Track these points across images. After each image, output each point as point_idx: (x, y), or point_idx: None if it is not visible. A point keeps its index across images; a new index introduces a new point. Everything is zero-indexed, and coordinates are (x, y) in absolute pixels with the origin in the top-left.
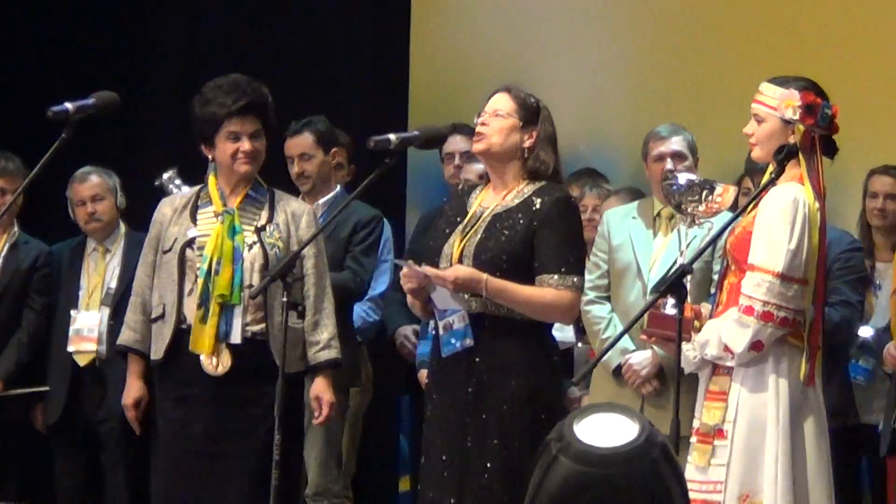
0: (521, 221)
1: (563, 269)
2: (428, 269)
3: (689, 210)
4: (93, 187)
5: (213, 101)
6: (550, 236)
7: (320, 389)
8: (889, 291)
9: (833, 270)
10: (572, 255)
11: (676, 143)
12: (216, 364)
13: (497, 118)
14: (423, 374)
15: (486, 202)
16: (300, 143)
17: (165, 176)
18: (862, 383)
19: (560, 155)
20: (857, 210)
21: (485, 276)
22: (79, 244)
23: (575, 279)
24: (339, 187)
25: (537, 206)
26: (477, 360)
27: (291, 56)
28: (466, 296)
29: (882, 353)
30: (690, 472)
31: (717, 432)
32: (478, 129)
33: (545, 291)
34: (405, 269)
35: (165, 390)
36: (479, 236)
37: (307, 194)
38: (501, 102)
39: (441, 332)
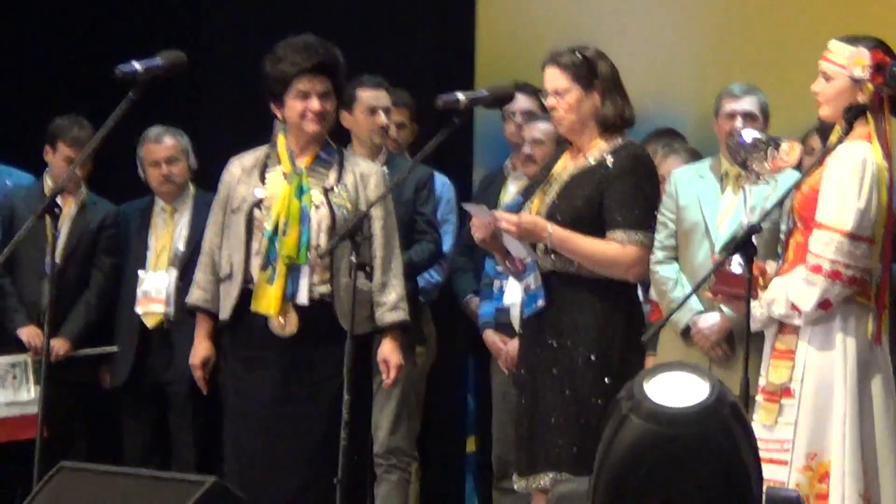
0: (595, 180)
1: (628, 225)
2: (496, 212)
3: (753, 167)
4: (168, 149)
5: (284, 60)
6: (619, 192)
7: (388, 351)
8: None
9: None
10: (640, 211)
11: (749, 103)
12: (283, 325)
13: (560, 97)
14: (488, 335)
15: (569, 163)
16: (385, 97)
17: None
18: None
19: (631, 105)
20: None
21: (550, 224)
22: (147, 205)
23: (640, 235)
24: (384, 148)
25: (610, 164)
26: (551, 317)
27: (356, 15)
28: (540, 251)
29: None
30: (757, 431)
31: (785, 391)
32: (552, 113)
33: (609, 245)
34: (474, 218)
35: (233, 351)
36: (555, 195)
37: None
38: (556, 78)
39: (523, 294)
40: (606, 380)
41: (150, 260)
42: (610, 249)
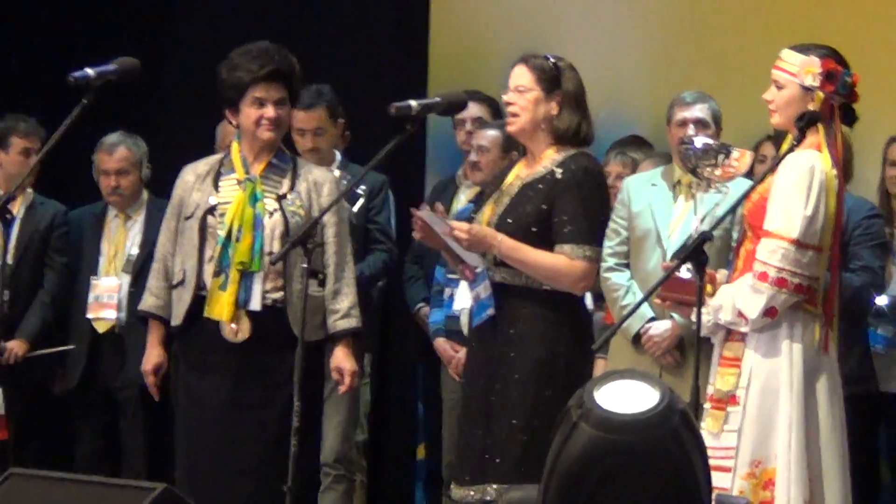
0: (543, 191)
1: (577, 239)
2: (448, 222)
3: (704, 174)
4: (119, 160)
5: (239, 67)
6: (568, 206)
7: (341, 359)
8: None
9: (853, 237)
10: (589, 225)
11: (700, 111)
12: (236, 331)
13: (520, 94)
14: (438, 342)
15: (520, 173)
16: (316, 118)
17: None
18: (881, 352)
19: (592, 126)
20: (877, 176)
21: (500, 235)
22: (101, 210)
23: (589, 250)
24: (338, 155)
25: (559, 176)
26: (499, 327)
27: (311, 22)
28: (489, 261)
29: None
30: (704, 438)
31: (731, 398)
32: (506, 108)
33: (557, 258)
34: (420, 220)
35: (185, 357)
36: (505, 206)
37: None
38: (521, 76)
39: (472, 303)
40: (550, 391)
41: (103, 265)
42: (558, 262)
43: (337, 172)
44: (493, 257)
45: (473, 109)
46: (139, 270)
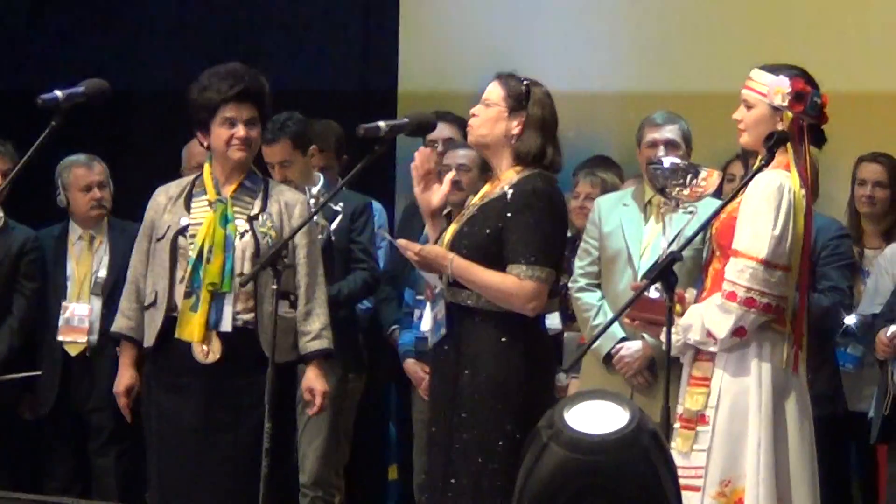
0: (495, 212)
1: (527, 260)
2: (399, 242)
3: (673, 194)
4: (100, 174)
5: (209, 87)
6: (518, 226)
7: (312, 380)
8: (877, 277)
9: (822, 257)
10: (539, 245)
11: (670, 132)
12: (206, 352)
13: (485, 107)
14: (408, 364)
15: (485, 192)
16: (279, 151)
17: None
18: (850, 371)
19: (560, 154)
20: (846, 196)
21: (451, 255)
22: (61, 233)
23: (538, 270)
24: (321, 178)
25: (509, 197)
26: (453, 348)
27: (279, 44)
28: (440, 280)
29: (871, 339)
30: (674, 458)
31: (700, 418)
32: (470, 120)
33: (507, 278)
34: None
35: (157, 378)
36: (461, 226)
37: None
38: (491, 91)
39: (432, 323)
40: (504, 411)
41: (72, 289)
42: (507, 283)
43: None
44: (447, 277)
45: (444, 130)
46: (110, 293)
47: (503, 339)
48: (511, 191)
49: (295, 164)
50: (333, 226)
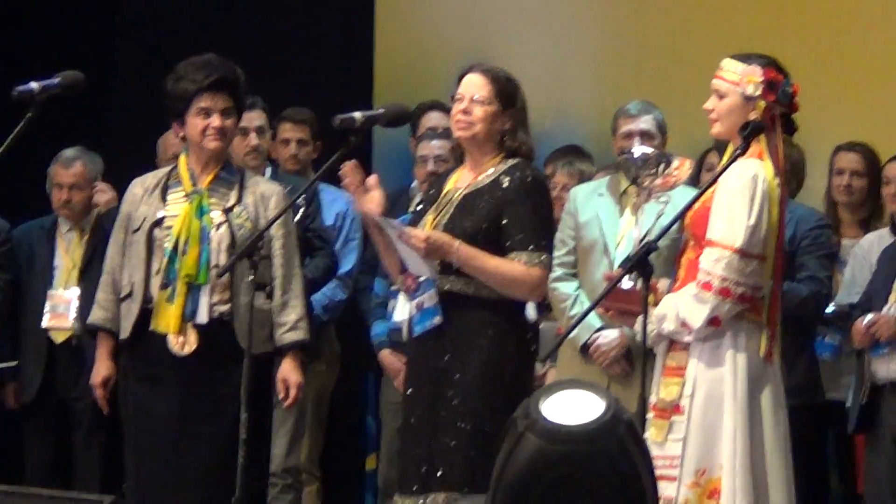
0: (490, 200)
1: (531, 247)
2: (406, 229)
3: (645, 184)
4: (74, 175)
5: (184, 78)
6: (519, 215)
7: (287, 371)
8: (854, 267)
9: (801, 246)
10: (541, 233)
11: (645, 122)
12: (182, 343)
13: (478, 105)
14: (383, 354)
15: (461, 182)
16: (259, 117)
17: None
18: (828, 360)
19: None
20: (823, 186)
21: (457, 241)
22: (52, 224)
23: (544, 257)
24: (268, 168)
25: (505, 184)
26: (445, 336)
27: (257, 34)
28: (437, 268)
29: (848, 329)
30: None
31: (675, 408)
32: (459, 116)
33: (514, 265)
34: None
35: (133, 370)
36: (449, 215)
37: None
38: (479, 87)
39: (413, 311)
40: (498, 398)
41: (59, 278)
42: (515, 270)
43: None
44: (438, 264)
45: (442, 119)
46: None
47: (499, 327)
48: (507, 178)
49: (312, 146)
50: (296, 218)
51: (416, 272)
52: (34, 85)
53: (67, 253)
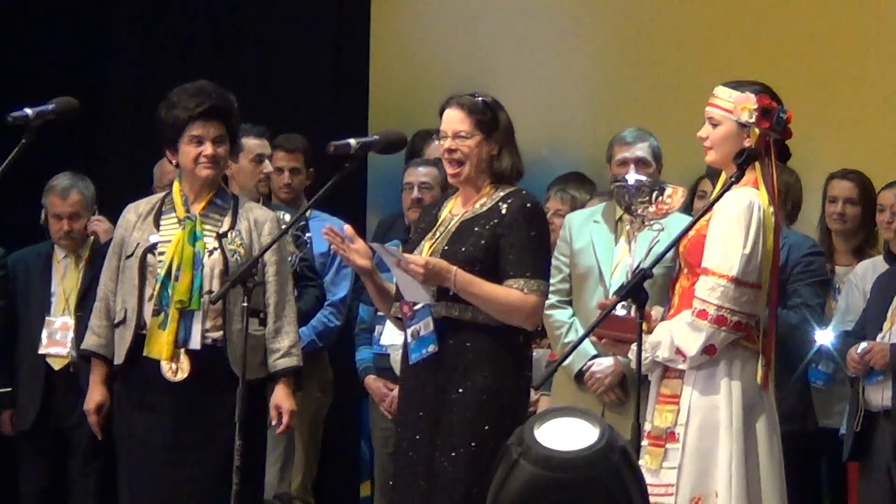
0: (488, 227)
1: (528, 274)
2: (402, 254)
3: (638, 211)
4: (73, 205)
5: (177, 105)
6: (516, 241)
7: (281, 398)
8: (848, 294)
9: (794, 273)
10: (538, 260)
11: (641, 150)
12: (175, 370)
13: (461, 140)
14: (368, 381)
15: (456, 210)
16: (268, 146)
17: None
18: (821, 387)
19: (522, 159)
20: (817, 213)
21: (454, 268)
22: (48, 250)
23: (541, 284)
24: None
25: (503, 211)
26: (442, 361)
27: (251, 61)
28: (432, 293)
29: (842, 356)
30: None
31: (669, 435)
32: (447, 156)
33: (511, 292)
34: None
35: (126, 396)
36: (447, 241)
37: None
38: (459, 121)
39: (409, 339)
40: (494, 425)
41: (57, 304)
42: (512, 296)
43: None
44: (435, 291)
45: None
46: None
47: (497, 353)
48: (504, 205)
49: (305, 173)
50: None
51: (412, 299)
52: (28, 111)
53: (64, 280)
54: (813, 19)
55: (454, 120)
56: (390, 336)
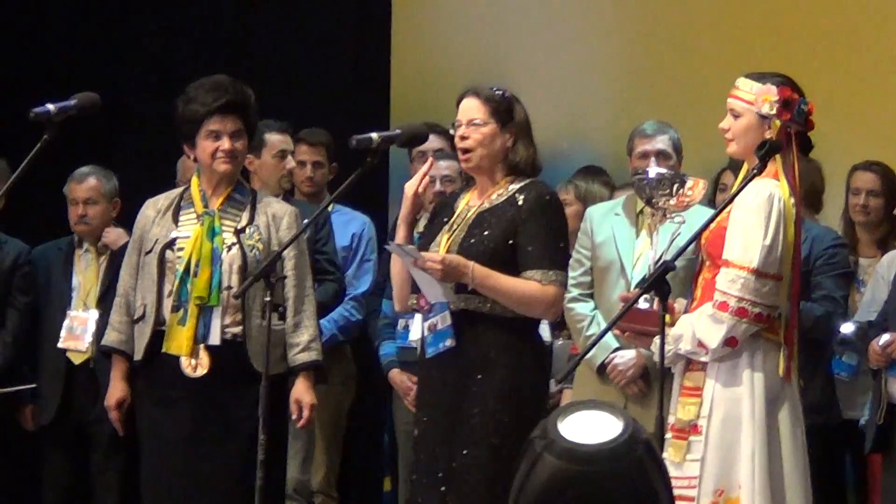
0: (505, 219)
1: (546, 265)
2: (420, 252)
3: (659, 204)
4: (88, 190)
5: (195, 100)
6: (534, 233)
7: (301, 392)
8: (874, 286)
9: (817, 266)
10: (556, 251)
11: (661, 142)
12: (195, 366)
13: (475, 128)
14: (393, 374)
15: (473, 202)
16: (290, 142)
17: None
18: (845, 379)
19: (542, 153)
20: (840, 205)
21: (471, 263)
22: (69, 245)
23: (559, 275)
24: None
25: (520, 203)
26: (460, 356)
27: (272, 55)
28: (451, 288)
29: (866, 349)
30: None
31: (692, 427)
32: (460, 144)
33: (530, 284)
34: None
35: (147, 392)
36: (463, 234)
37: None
38: (474, 110)
39: (426, 333)
40: (516, 417)
41: (77, 299)
42: (530, 288)
43: None
44: (453, 284)
45: (434, 142)
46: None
47: (516, 345)
48: (521, 196)
49: (327, 168)
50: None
51: (433, 300)
52: (50, 107)
53: (85, 274)
54: (836, 11)
55: (470, 108)
56: (418, 331)
